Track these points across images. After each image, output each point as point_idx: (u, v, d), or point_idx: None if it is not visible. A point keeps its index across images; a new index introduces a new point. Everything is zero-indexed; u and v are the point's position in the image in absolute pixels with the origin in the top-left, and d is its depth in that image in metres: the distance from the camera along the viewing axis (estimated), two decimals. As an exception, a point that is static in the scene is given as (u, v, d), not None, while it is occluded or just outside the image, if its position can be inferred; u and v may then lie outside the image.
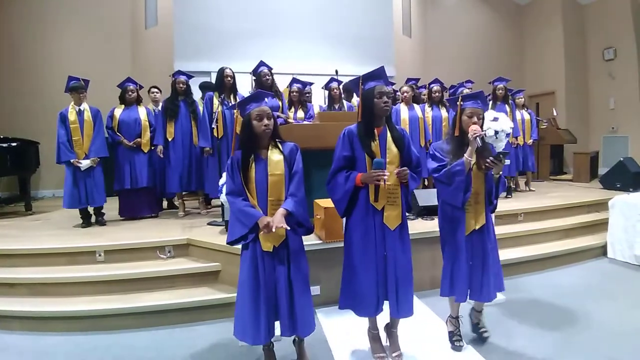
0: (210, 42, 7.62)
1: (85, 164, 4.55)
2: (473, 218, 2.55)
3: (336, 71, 5.40)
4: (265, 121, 2.25)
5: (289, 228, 2.20)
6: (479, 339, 2.75)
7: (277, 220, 2.16)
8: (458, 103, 2.57)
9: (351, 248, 2.42)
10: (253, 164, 2.28)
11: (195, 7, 7.63)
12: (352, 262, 2.41)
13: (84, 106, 4.64)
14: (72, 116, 4.57)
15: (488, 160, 2.41)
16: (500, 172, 2.53)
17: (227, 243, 2.34)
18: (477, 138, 2.39)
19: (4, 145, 5.85)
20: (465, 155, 2.44)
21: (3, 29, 7.50)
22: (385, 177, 2.24)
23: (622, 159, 6.49)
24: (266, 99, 2.35)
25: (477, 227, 2.55)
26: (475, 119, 2.48)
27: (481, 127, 2.51)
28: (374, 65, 2.48)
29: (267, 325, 2.22)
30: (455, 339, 2.70)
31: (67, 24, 7.78)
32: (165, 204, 5.88)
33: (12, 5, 7.52)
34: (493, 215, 2.72)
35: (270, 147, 2.32)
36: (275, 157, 2.30)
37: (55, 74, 7.55)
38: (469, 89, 5.82)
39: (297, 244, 2.34)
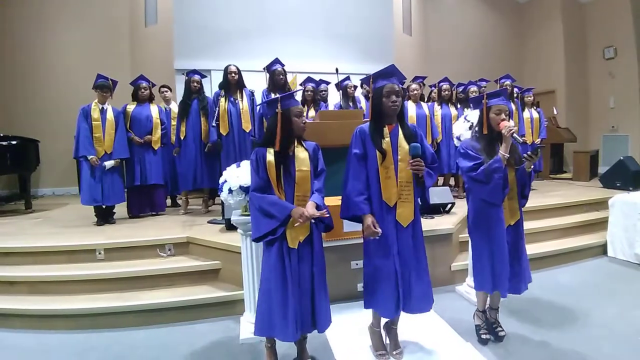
0: (211, 41, 7.60)
1: (109, 164, 4.62)
2: (508, 214, 2.58)
3: (336, 69, 5.39)
4: (303, 119, 2.32)
5: (327, 215, 2.24)
6: (495, 338, 2.75)
7: (311, 210, 2.20)
8: (483, 101, 2.58)
9: (368, 246, 2.42)
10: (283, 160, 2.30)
11: (196, 5, 7.61)
12: (371, 260, 2.41)
13: (107, 105, 4.69)
14: (95, 113, 4.60)
15: (526, 155, 2.45)
16: (532, 166, 2.57)
17: (253, 240, 2.33)
18: (514, 134, 2.42)
19: (4, 143, 5.85)
20: (501, 151, 2.46)
21: (3, 27, 7.49)
22: (378, 234, 2.29)
23: (622, 157, 6.49)
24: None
25: (512, 223, 2.59)
26: (503, 115, 2.50)
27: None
28: (375, 63, 2.48)
29: (294, 322, 2.21)
30: (482, 332, 2.75)
31: (67, 22, 7.77)
32: (168, 201, 5.88)
33: (12, 4, 7.51)
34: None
35: (296, 144, 2.35)
36: (301, 154, 2.34)
37: (55, 72, 7.58)
38: (479, 87, 5.81)
39: (319, 240, 2.37)
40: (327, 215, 2.25)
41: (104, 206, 4.76)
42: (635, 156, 7.13)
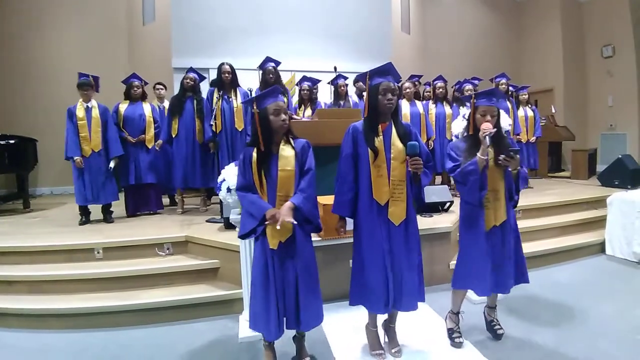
0: (209, 39, 7.60)
1: (112, 165, 4.66)
2: (493, 215, 2.55)
3: (335, 68, 5.39)
4: (283, 116, 2.26)
5: (295, 222, 2.19)
6: (494, 336, 2.76)
7: (284, 213, 2.17)
8: (472, 101, 2.56)
9: (358, 244, 2.43)
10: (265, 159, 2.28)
11: (194, 3, 7.61)
12: (360, 258, 2.42)
13: (92, 103, 4.65)
14: (80, 112, 4.57)
15: (500, 158, 2.43)
16: (518, 168, 2.54)
17: (239, 237, 2.35)
18: (487, 137, 2.40)
19: (2, 142, 5.83)
20: (478, 154, 2.44)
21: (1, 26, 7.46)
22: (342, 233, 2.46)
23: (620, 156, 6.49)
24: (280, 95, 2.33)
25: (497, 224, 2.56)
26: (488, 117, 2.48)
27: (497, 124, 2.50)
28: (373, 61, 2.47)
29: (276, 322, 2.23)
30: (454, 335, 2.71)
31: (65, 21, 7.74)
32: (167, 200, 5.89)
33: (9, 3, 7.48)
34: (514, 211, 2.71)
35: (282, 143, 2.32)
36: (286, 152, 2.30)
37: (53, 70, 7.55)
38: (474, 85, 5.79)
39: (304, 241, 2.34)
40: (295, 223, 2.20)
41: (89, 206, 4.74)
42: (633, 154, 7.15)
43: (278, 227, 2.14)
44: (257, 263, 2.30)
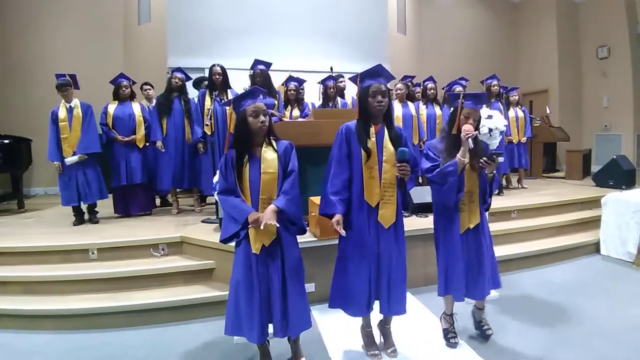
0: (204, 39, 7.56)
1: (70, 160, 4.48)
2: (467, 217, 2.55)
3: (331, 68, 5.39)
4: (262, 117, 2.22)
5: (278, 225, 2.17)
6: (482, 336, 2.76)
7: (267, 216, 2.14)
8: (460, 100, 2.53)
9: (345, 245, 2.42)
10: (247, 162, 2.25)
11: (189, 3, 7.58)
12: (345, 260, 2.40)
13: (75, 102, 4.59)
14: (62, 114, 4.52)
15: (482, 161, 2.42)
16: (494, 172, 2.54)
17: (221, 241, 2.32)
18: (469, 139, 2.39)
19: (-4, 142, 5.79)
20: (458, 155, 2.43)
21: (-5, 25, 7.44)
22: (342, 234, 2.28)
23: (615, 156, 6.52)
24: (261, 96, 2.30)
25: (471, 226, 2.56)
26: (471, 120, 2.47)
27: (476, 128, 2.49)
28: (369, 62, 2.46)
29: (260, 326, 2.21)
30: (450, 336, 2.71)
31: (60, 20, 7.71)
32: (158, 201, 5.84)
33: (4, 3, 7.44)
34: (487, 213, 2.71)
35: (264, 145, 2.29)
36: (269, 155, 2.27)
37: (48, 70, 7.44)
38: (463, 86, 5.78)
39: (290, 243, 2.31)
40: (278, 225, 2.17)
41: (84, 205, 4.71)
42: (628, 155, 7.18)
43: (262, 228, 2.13)
44: (240, 267, 2.26)
